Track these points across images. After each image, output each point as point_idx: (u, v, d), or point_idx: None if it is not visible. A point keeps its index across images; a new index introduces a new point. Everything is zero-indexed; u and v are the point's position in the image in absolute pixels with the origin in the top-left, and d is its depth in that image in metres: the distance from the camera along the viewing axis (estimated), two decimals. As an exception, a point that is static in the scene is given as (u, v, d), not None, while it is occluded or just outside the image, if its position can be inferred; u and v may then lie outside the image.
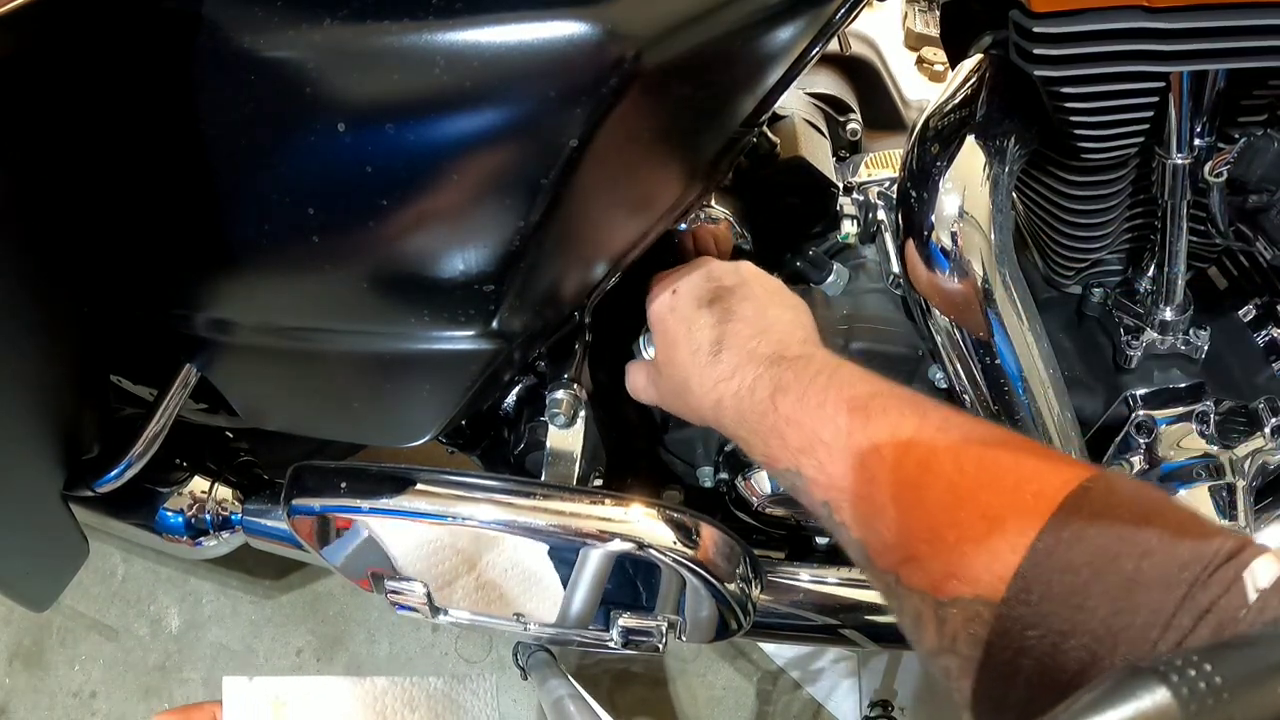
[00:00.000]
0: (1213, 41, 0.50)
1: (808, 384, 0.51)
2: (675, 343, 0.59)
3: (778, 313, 0.59)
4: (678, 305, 0.61)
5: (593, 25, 0.44)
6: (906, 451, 0.43)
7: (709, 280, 0.61)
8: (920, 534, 0.41)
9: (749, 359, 0.55)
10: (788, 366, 0.53)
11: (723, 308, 0.58)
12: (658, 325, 0.62)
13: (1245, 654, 0.21)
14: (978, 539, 0.38)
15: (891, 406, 0.46)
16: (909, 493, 0.42)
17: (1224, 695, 0.20)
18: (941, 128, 0.63)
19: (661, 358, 0.62)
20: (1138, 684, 0.20)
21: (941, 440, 0.43)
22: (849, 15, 0.54)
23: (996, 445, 0.42)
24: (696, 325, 0.58)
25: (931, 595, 0.39)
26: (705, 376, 0.56)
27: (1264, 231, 0.61)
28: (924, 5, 1.03)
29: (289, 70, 0.47)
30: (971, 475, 0.41)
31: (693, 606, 0.68)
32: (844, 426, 0.47)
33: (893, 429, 0.45)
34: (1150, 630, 0.31)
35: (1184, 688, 0.20)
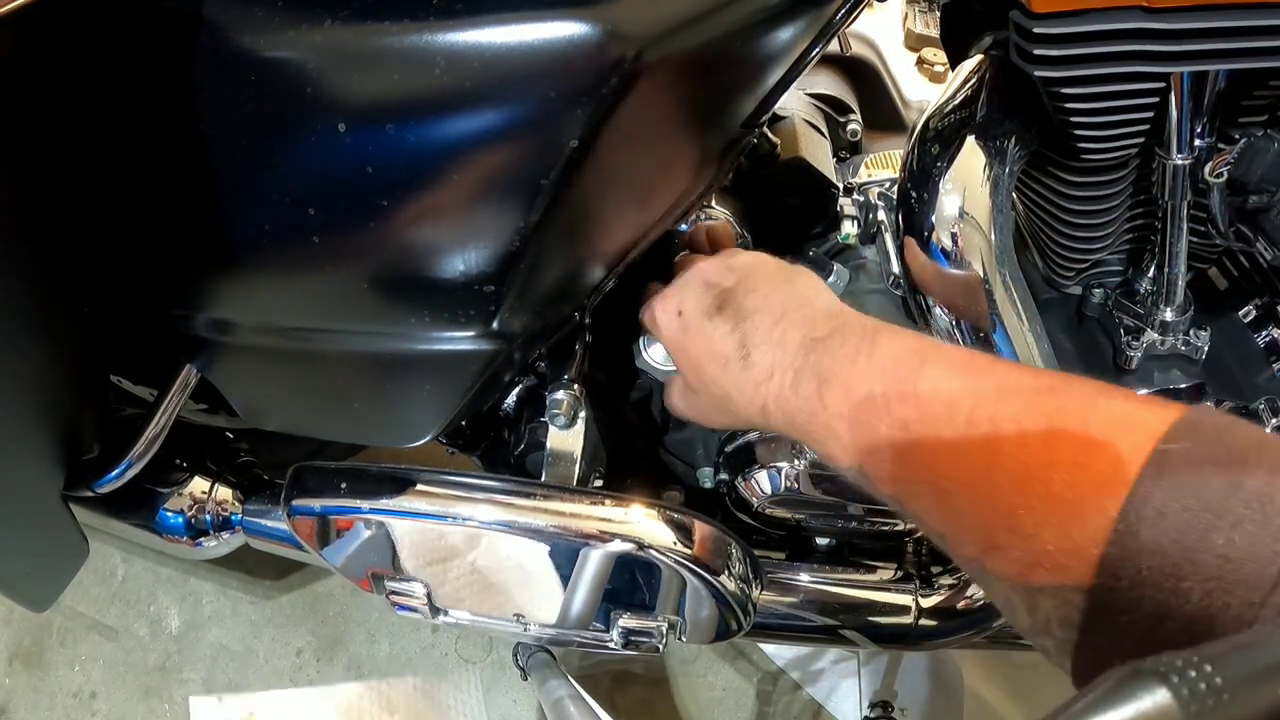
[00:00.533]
0: (1213, 41, 0.50)
1: (850, 369, 0.48)
2: (700, 362, 0.57)
3: (788, 290, 0.56)
4: (689, 324, 0.58)
5: (593, 25, 0.44)
6: (968, 434, 0.41)
7: (708, 288, 0.59)
8: (997, 523, 0.38)
9: (781, 352, 0.52)
10: (824, 350, 0.50)
11: (733, 309, 0.56)
12: (677, 351, 0.60)
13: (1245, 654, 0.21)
14: (1057, 523, 0.36)
15: (941, 382, 0.44)
16: (979, 480, 0.40)
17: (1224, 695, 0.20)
18: (941, 128, 0.63)
19: (692, 380, 0.60)
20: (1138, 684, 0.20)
21: (1003, 414, 0.40)
22: (849, 15, 0.54)
23: (1061, 408, 0.39)
24: (715, 338, 0.56)
25: (1019, 583, 0.38)
26: (743, 385, 0.54)
27: (1264, 232, 0.61)
28: (924, 5, 1.03)
29: (289, 70, 0.47)
30: (1039, 452, 0.38)
31: (693, 607, 0.68)
32: (899, 417, 0.44)
33: (950, 410, 0.42)
34: (1247, 610, 0.30)
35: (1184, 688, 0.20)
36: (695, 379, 0.59)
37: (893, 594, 0.80)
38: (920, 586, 0.80)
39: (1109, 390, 0.39)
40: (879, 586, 0.80)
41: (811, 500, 0.75)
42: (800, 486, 0.74)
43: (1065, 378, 0.42)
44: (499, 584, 0.70)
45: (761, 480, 0.76)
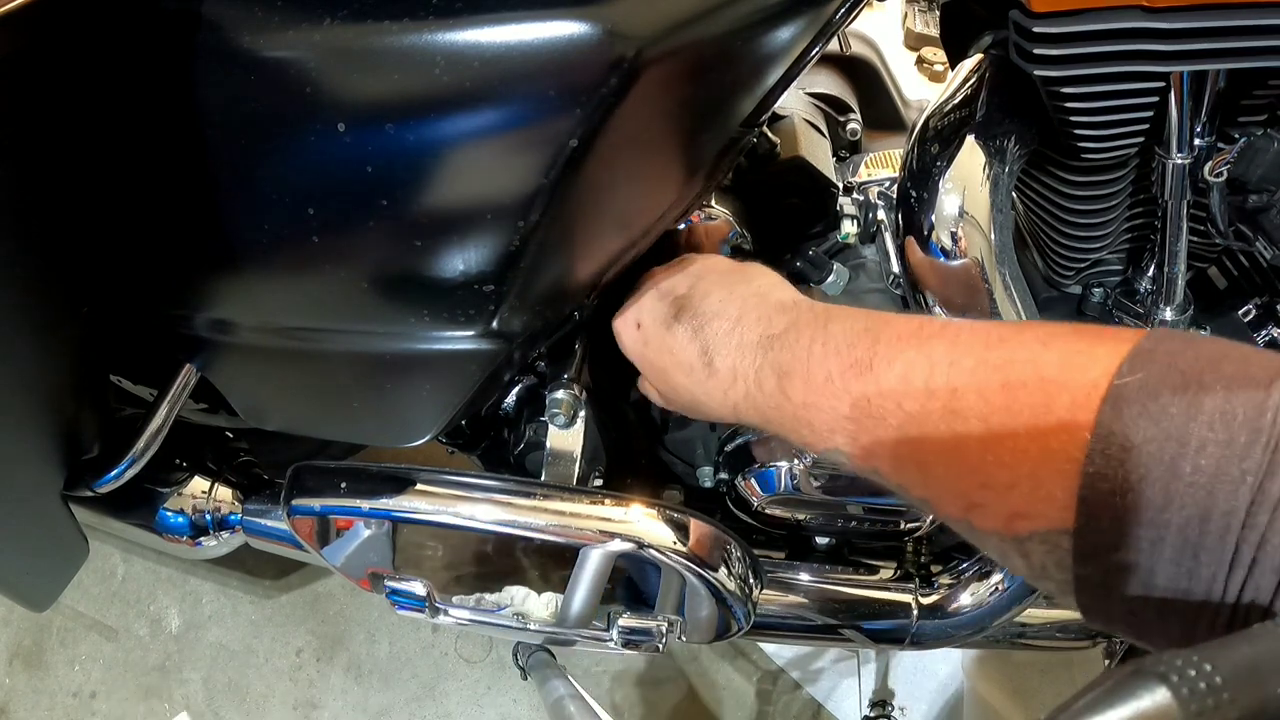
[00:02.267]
0: (1213, 41, 0.50)
1: (806, 359, 0.49)
2: (666, 371, 0.59)
3: (744, 290, 0.57)
4: (649, 336, 0.59)
5: (593, 25, 0.44)
6: (929, 404, 0.41)
7: (663, 296, 0.60)
8: (973, 481, 0.39)
9: (740, 354, 0.53)
10: (781, 345, 0.51)
11: (690, 316, 0.57)
12: (642, 363, 0.61)
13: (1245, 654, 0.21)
14: (1029, 474, 0.36)
15: (895, 356, 0.44)
16: (947, 445, 0.40)
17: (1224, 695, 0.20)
18: (941, 128, 0.63)
19: (663, 388, 0.61)
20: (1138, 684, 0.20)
21: (958, 377, 0.41)
22: (849, 15, 0.54)
23: (1013, 359, 0.39)
24: (676, 347, 0.57)
25: (1007, 535, 0.38)
26: (711, 391, 0.55)
27: (1264, 231, 0.61)
28: (924, 5, 1.03)
29: (289, 70, 0.47)
30: (1000, 405, 0.38)
31: (693, 606, 0.68)
32: (859, 395, 0.45)
33: (905, 383, 0.43)
34: (1228, 536, 0.30)
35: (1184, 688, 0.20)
36: (664, 387, 0.60)
37: (893, 594, 0.80)
38: (920, 586, 0.80)
39: (1059, 331, 0.39)
40: (879, 586, 0.80)
41: (811, 500, 0.75)
42: (800, 486, 0.74)
43: (1014, 326, 0.43)
44: (499, 584, 0.70)
45: (761, 480, 0.76)
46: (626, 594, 0.72)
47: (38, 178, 0.53)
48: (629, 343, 0.62)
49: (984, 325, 0.44)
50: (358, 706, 1.27)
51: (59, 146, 0.53)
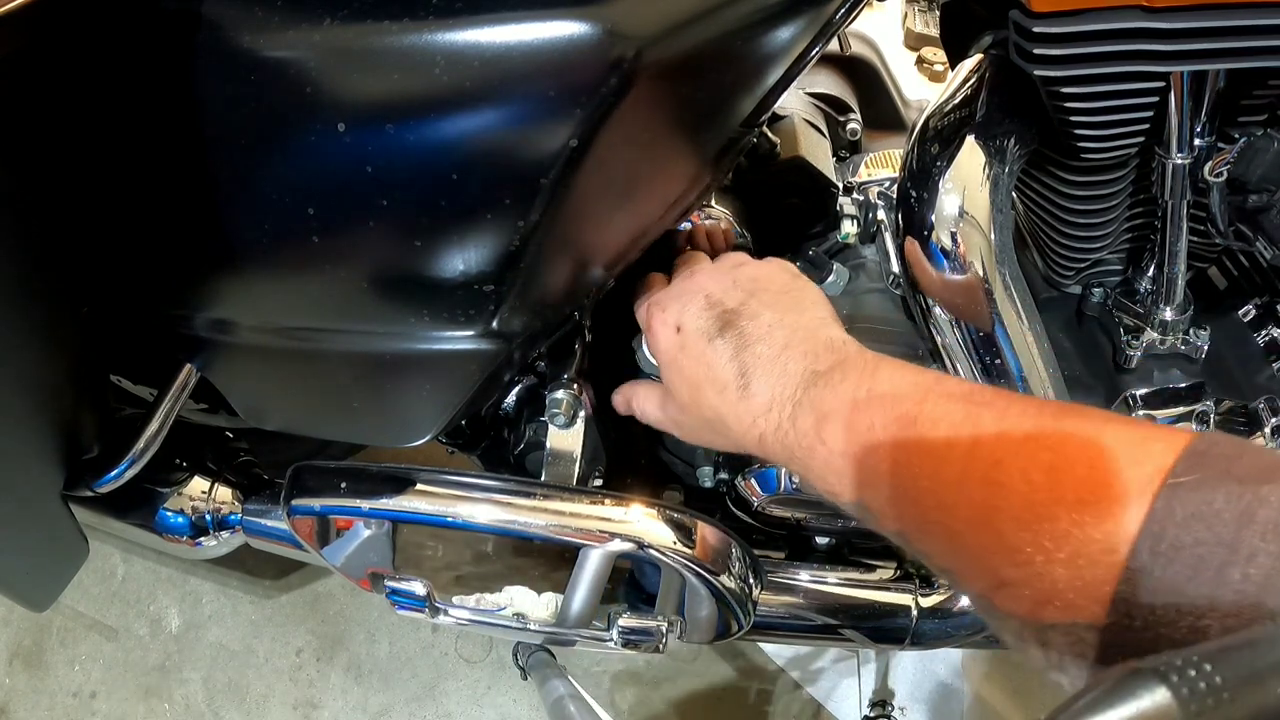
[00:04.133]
0: (1213, 41, 0.50)
1: (850, 405, 0.46)
2: (698, 384, 0.55)
3: (794, 318, 0.55)
4: (687, 343, 0.56)
5: (593, 25, 0.44)
6: (970, 469, 0.40)
7: (710, 306, 0.56)
8: (1005, 559, 0.37)
9: (781, 384, 0.51)
10: (825, 384, 0.49)
11: (736, 334, 0.54)
12: (671, 366, 0.58)
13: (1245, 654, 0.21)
14: (1066, 560, 0.34)
15: (942, 416, 0.42)
16: (983, 516, 0.38)
17: (1224, 695, 0.20)
18: (941, 128, 0.63)
19: (685, 398, 0.57)
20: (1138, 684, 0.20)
21: (1005, 449, 0.39)
22: (849, 15, 0.54)
23: (1065, 439, 0.38)
24: (715, 362, 0.54)
25: (1031, 620, 0.37)
26: (740, 414, 0.52)
27: (1264, 231, 0.61)
28: (924, 5, 1.03)
29: (289, 70, 0.47)
30: (1044, 487, 0.36)
31: (693, 606, 0.68)
32: (901, 453, 0.43)
33: (949, 444, 0.41)
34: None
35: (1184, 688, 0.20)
36: (687, 398, 0.57)
37: (893, 594, 0.80)
38: (920, 586, 0.80)
39: (1113, 419, 0.38)
40: (879, 586, 0.80)
41: (811, 500, 0.75)
42: (800, 486, 0.74)
43: (1070, 408, 0.41)
44: (499, 584, 0.70)
45: (761, 480, 0.76)
46: (626, 594, 0.73)
47: (38, 178, 0.53)
48: (663, 344, 0.58)
49: (1040, 402, 0.42)
50: (358, 706, 1.27)
51: (59, 146, 0.53)
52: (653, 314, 0.59)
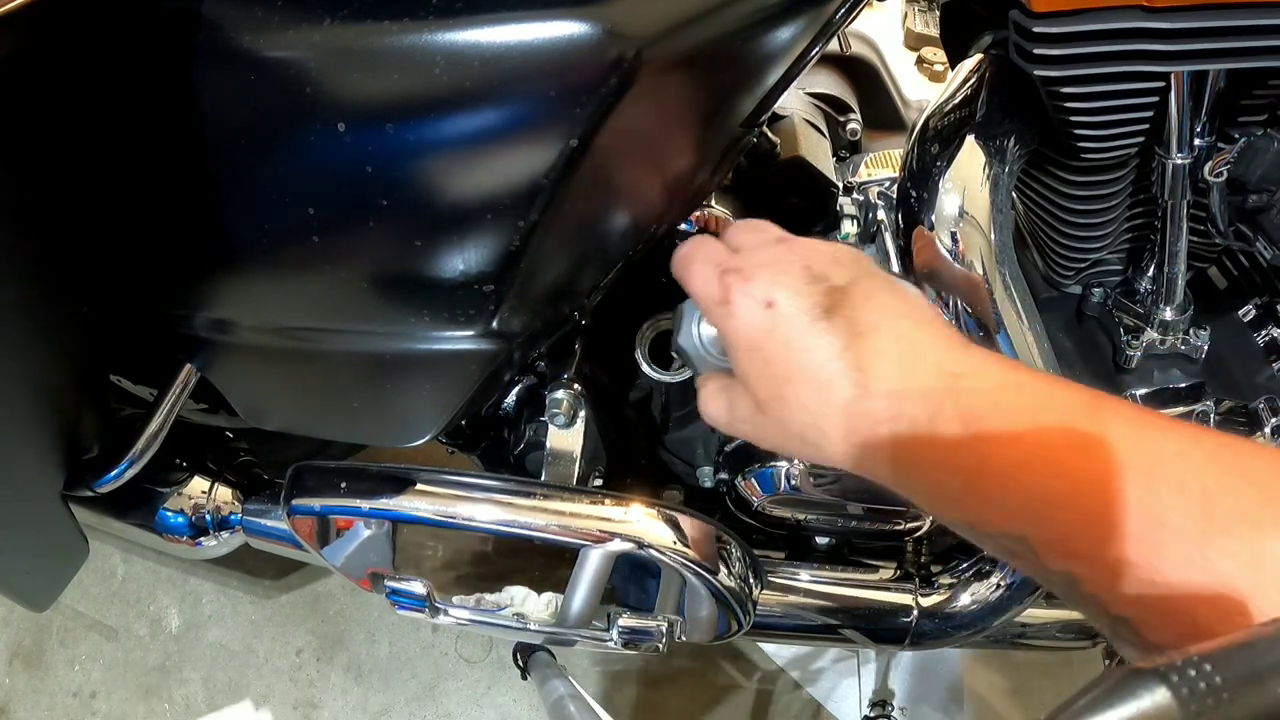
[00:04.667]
0: (1213, 41, 0.50)
1: (1009, 415, 0.38)
2: (789, 377, 0.44)
3: (910, 305, 0.44)
4: (781, 324, 0.44)
5: (593, 25, 0.44)
6: (1185, 501, 0.33)
7: (815, 281, 0.44)
8: (1226, 619, 0.31)
9: (911, 382, 0.41)
10: (972, 390, 0.39)
11: (847, 319, 0.43)
12: (753, 354, 0.45)
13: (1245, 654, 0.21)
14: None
15: (1123, 438, 0.36)
16: (1205, 563, 0.32)
17: (1224, 695, 0.20)
18: (941, 128, 0.63)
19: (766, 393, 0.45)
20: (1138, 684, 0.20)
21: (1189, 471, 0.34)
22: (849, 15, 0.54)
23: (1253, 468, 0.33)
24: (819, 351, 0.43)
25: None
26: (851, 419, 0.42)
27: (1264, 231, 0.61)
28: (924, 5, 1.03)
29: (289, 70, 0.47)
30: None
31: (692, 606, 0.68)
32: (1084, 477, 0.35)
33: (1149, 471, 0.34)
34: None
35: (1184, 688, 0.20)
36: (770, 394, 0.45)
37: (893, 594, 0.80)
38: (920, 586, 0.80)
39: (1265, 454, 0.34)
40: (879, 586, 0.80)
41: (811, 500, 0.75)
42: (800, 486, 0.74)
43: (1223, 441, 0.35)
44: (499, 584, 0.70)
45: (761, 479, 0.76)
46: (626, 594, 0.73)
47: (38, 178, 0.53)
48: (745, 324, 0.45)
49: (1211, 432, 0.36)
50: (358, 706, 1.27)
51: (59, 146, 0.53)
52: (732, 284, 0.46)
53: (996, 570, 0.78)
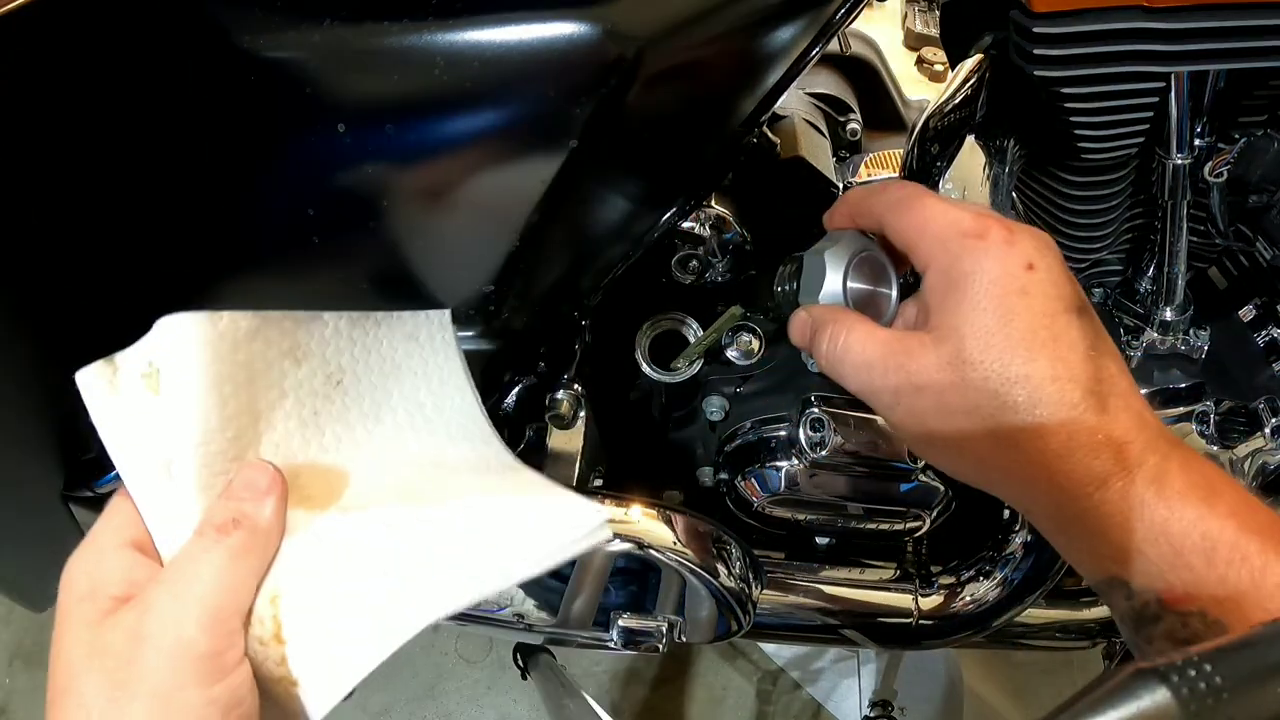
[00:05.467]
0: (1213, 41, 0.50)
1: (1215, 475, 0.37)
2: (1032, 343, 0.38)
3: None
4: (1033, 290, 0.38)
5: (593, 25, 0.44)
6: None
7: (1069, 273, 0.40)
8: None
9: (1145, 417, 0.37)
10: (1184, 447, 0.38)
11: (1092, 328, 0.39)
12: (993, 299, 0.38)
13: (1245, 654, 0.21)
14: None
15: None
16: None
17: (1224, 695, 0.20)
18: (941, 128, 0.63)
19: (979, 351, 0.38)
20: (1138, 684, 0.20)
21: None
22: (849, 15, 0.54)
23: None
24: (1071, 334, 0.38)
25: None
26: (1088, 430, 0.37)
27: (1264, 231, 0.61)
28: (924, 5, 1.03)
29: (289, 70, 0.47)
30: None
31: (692, 606, 0.68)
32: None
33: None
34: None
35: (1184, 688, 0.20)
36: (990, 353, 0.38)
37: (893, 594, 0.80)
38: (920, 586, 0.80)
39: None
40: (879, 586, 0.80)
41: (811, 500, 0.75)
42: (800, 486, 0.74)
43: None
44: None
45: (761, 480, 0.76)
46: (626, 594, 0.73)
47: (38, 177, 0.53)
48: (1003, 268, 0.38)
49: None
50: (358, 706, 1.27)
51: (59, 146, 0.53)
52: (992, 225, 0.40)
53: (996, 570, 0.78)
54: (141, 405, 0.42)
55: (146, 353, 0.44)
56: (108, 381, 0.44)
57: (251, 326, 0.44)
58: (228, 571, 0.37)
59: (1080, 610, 0.85)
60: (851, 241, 0.48)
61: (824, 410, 0.70)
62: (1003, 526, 0.78)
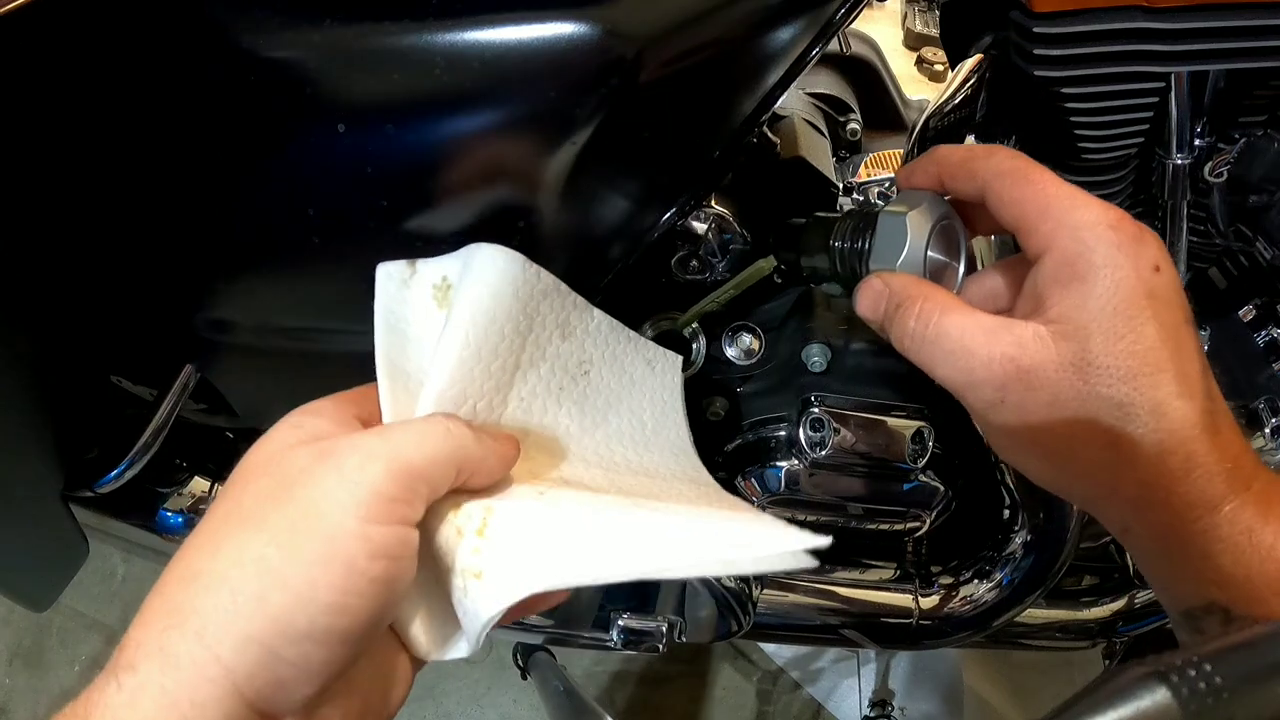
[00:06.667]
0: (1213, 41, 0.50)
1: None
2: (1151, 344, 0.35)
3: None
4: (1160, 294, 0.36)
5: (593, 25, 0.44)
6: None
7: (1181, 281, 0.38)
8: None
9: (1245, 445, 0.36)
10: (1265, 467, 0.37)
11: (1199, 341, 0.38)
12: (1122, 299, 0.35)
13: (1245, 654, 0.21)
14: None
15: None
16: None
17: (1224, 695, 0.20)
18: (941, 128, 0.63)
19: (1083, 349, 0.35)
20: (1138, 684, 0.20)
21: None
22: (849, 15, 0.54)
23: None
24: (1189, 357, 0.36)
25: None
26: (1196, 455, 0.35)
27: (1264, 231, 0.61)
28: (924, 5, 1.03)
29: (289, 70, 0.47)
30: None
31: (693, 606, 0.68)
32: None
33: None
34: None
35: (1184, 688, 0.20)
36: (1101, 346, 0.35)
37: (893, 594, 0.80)
38: (920, 586, 0.80)
39: None
40: (879, 586, 0.80)
41: (811, 500, 0.75)
42: (800, 486, 0.74)
43: None
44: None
45: (761, 479, 0.76)
46: (626, 594, 0.73)
47: (37, 177, 0.53)
48: (1133, 268, 0.36)
49: None
50: (358, 706, 1.27)
51: (58, 146, 0.53)
52: (1124, 220, 0.37)
53: (997, 570, 0.78)
54: (422, 313, 0.45)
55: (444, 268, 0.46)
56: (402, 281, 0.46)
57: (547, 285, 0.46)
58: (437, 444, 0.35)
59: (1080, 610, 0.85)
60: (934, 205, 0.44)
61: (824, 410, 0.70)
62: (1003, 526, 0.78)
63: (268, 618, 0.30)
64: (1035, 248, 0.38)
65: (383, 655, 0.37)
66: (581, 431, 0.47)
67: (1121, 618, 0.86)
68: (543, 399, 0.46)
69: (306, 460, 0.34)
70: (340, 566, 0.31)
